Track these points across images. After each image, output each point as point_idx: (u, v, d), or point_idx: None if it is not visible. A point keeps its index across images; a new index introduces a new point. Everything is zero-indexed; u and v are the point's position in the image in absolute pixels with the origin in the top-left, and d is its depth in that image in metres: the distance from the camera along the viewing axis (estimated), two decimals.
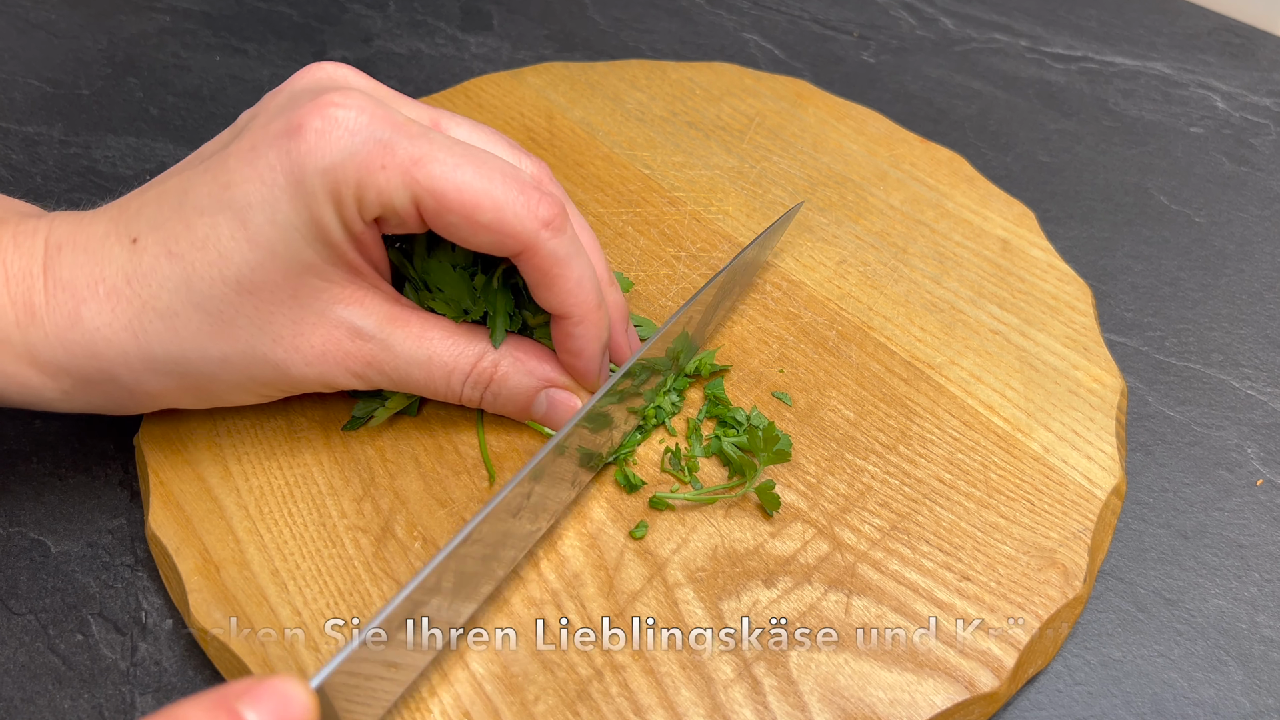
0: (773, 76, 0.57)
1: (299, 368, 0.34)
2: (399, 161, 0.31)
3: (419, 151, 0.31)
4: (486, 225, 0.32)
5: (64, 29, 0.64)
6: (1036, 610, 0.33)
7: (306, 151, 0.30)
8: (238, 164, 0.31)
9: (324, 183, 0.30)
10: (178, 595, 0.34)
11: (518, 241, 0.32)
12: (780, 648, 0.32)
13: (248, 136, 0.32)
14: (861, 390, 0.40)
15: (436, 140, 0.31)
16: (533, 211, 0.32)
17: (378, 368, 0.35)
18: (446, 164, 0.31)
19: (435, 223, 0.32)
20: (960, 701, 0.31)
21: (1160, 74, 0.63)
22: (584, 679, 0.31)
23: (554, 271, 0.33)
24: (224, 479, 0.36)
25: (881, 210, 0.49)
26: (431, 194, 0.31)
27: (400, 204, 0.31)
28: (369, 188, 0.31)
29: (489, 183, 0.31)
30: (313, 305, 0.33)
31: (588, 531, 0.35)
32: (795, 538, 0.35)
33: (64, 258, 0.32)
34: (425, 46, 0.64)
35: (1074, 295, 0.45)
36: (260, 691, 0.24)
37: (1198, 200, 0.54)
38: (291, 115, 0.31)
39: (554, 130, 0.53)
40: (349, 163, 0.30)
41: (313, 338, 0.33)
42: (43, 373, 0.32)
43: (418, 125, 0.32)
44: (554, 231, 0.32)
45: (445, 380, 0.36)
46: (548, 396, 0.37)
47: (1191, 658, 0.35)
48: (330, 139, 0.30)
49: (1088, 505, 0.37)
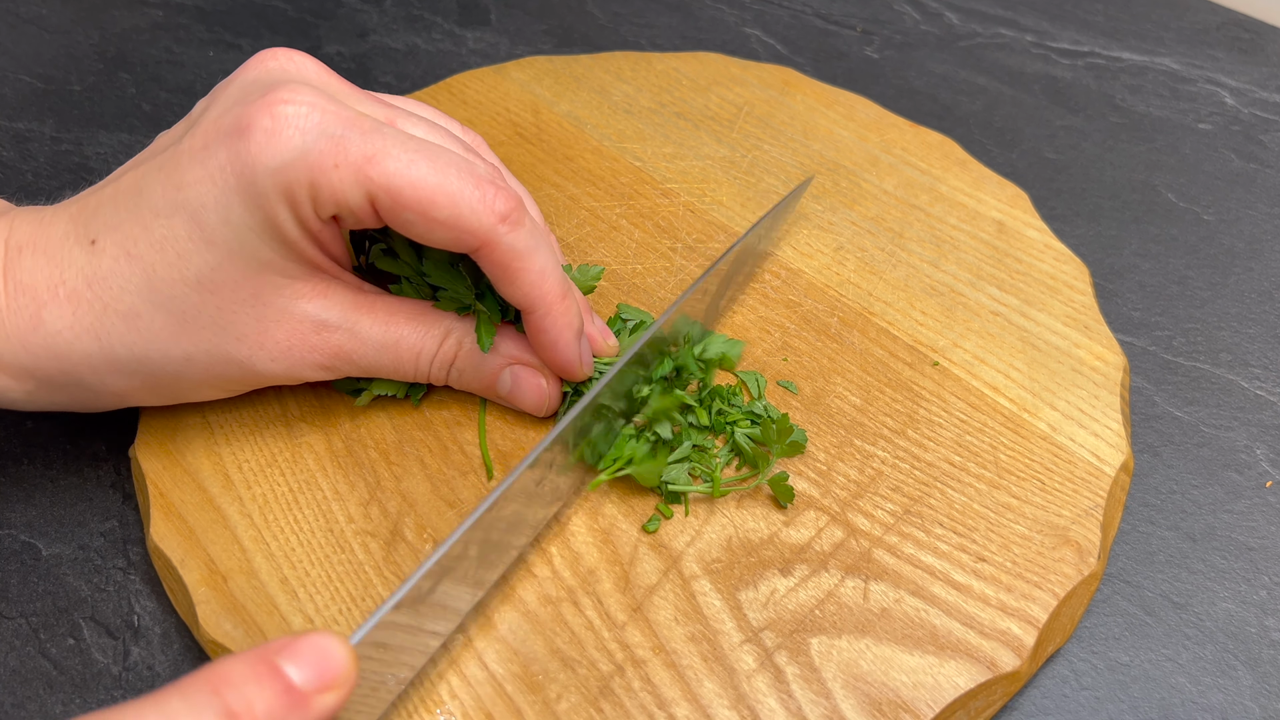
0: (759, 65, 0.58)
1: (264, 364, 0.34)
2: (351, 159, 0.31)
3: (372, 148, 0.31)
4: (443, 221, 0.32)
5: (55, 24, 0.63)
6: (1053, 588, 0.34)
7: (256, 152, 0.30)
8: (190, 163, 0.31)
9: (275, 183, 0.30)
10: (184, 607, 0.34)
11: (475, 237, 0.32)
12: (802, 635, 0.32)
13: (199, 133, 0.32)
14: (866, 376, 0.41)
15: (390, 136, 0.31)
16: (489, 206, 0.32)
17: (345, 357, 0.35)
18: (400, 160, 0.31)
19: (391, 220, 0.32)
20: (983, 682, 0.31)
21: (1168, 70, 0.64)
22: (605, 675, 0.31)
23: (514, 265, 0.33)
24: (225, 488, 0.36)
25: (876, 196, 0.49)
26: (386, 191, 0.31)
27: (355, 202, 0.31)
28: (322, 187, 0.31)
29: (444, 178, 0.31)
30: (275, 302, 0.33)
31: (600, 527, 0.35)
32: (809, 525, 0.35)
33: (24, 260, 0.32)
34: (422, 42, 0.63)
35: (1072, 274, 0.45)
36: (300, 647, 0.24)
37: (1206, 197, 0.54)
38: (241, 113, 0.31)
39: (541, 125, 0.53)
40: (300, 162, 0.30)
41: (277, 334, 0.34)
42: (6, 374, 0.32)
43: (370, 120, 0.32)
44: (511, 225, 0.33)
45: (414, 362, 0.36)
46: (512, 374, 0.37)
47: (1200, 662, 0.35)
48: (280, 138, 0.30)
49: (1097, 482, 0.37)
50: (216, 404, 0.38)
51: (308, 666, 0.24)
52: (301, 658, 0.24)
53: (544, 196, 0.48)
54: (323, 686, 0.24)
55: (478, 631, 0.32)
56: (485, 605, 0.33)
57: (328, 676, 0.24)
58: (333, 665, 0.24)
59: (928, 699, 0.31)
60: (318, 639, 0.24)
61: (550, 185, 0.49)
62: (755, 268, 0.44)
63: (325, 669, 0.24)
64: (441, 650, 0.32)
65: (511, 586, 0.33)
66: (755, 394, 0.39)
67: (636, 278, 0.44)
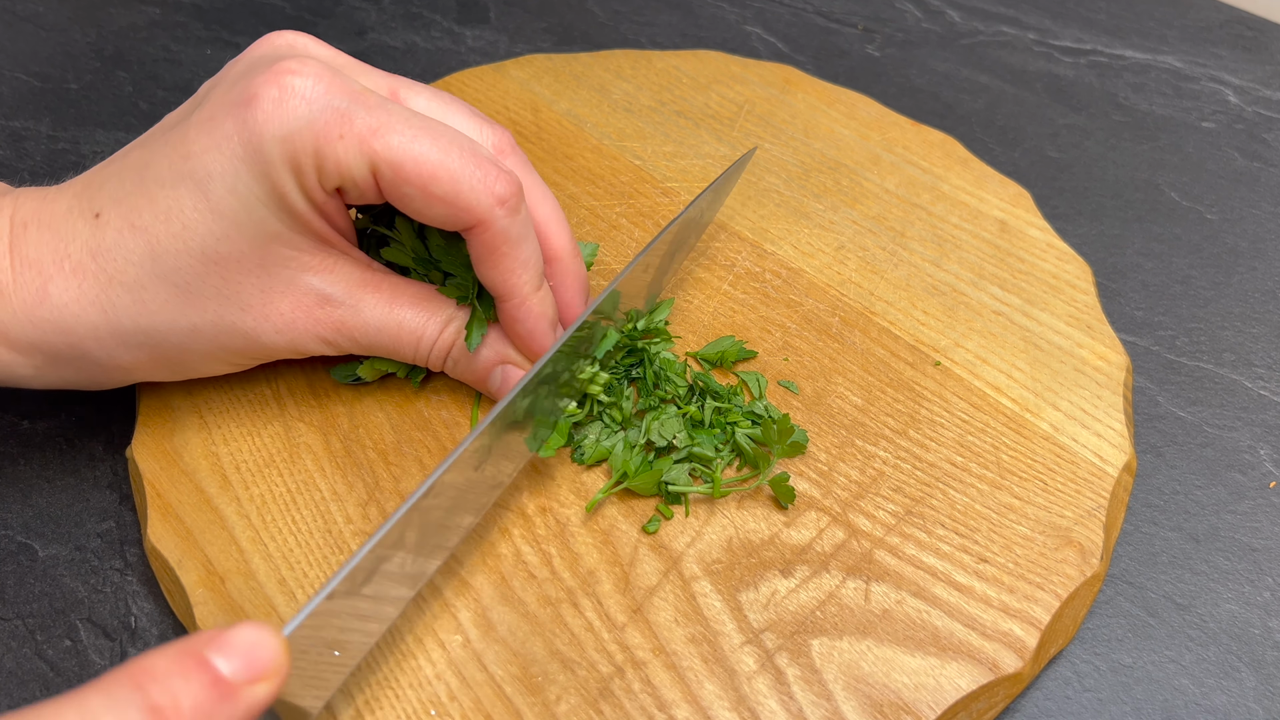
0: (760, 63, 0.58)
1: (269, 335, 0.34)
2: (356, 131, 0.31)
3: (376, 121, 0.31)
4: (441, 197, 0.32)
5: (52, 22, 0.63)
6: (1055, 589, 0.34)
7: (264, 120, 0.31)
8: (197, 134, 0.32)
9: (282, 151, 0.31)
10: (181, 608, 0.34)
11: (471, 215, 0.33)
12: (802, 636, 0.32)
13: (207, 107, 0.32)
14: (868, 376, 0.41)
15: (394, 111, 0.32)
16: (489, 187, 0.32)
17: (347, 333, 0.35)
18: (404, 135, 0.31)
19: (391, 194, 0.32)
20: (985, 683, 0.31)
21: (1171, 68, 0.63)
22: (605, 677, 0.31)
23: (502, 249, 0.34)
24: (223, 488, 0.36)
25: (877, 195, 0.49)
26: (389, 164, 0.31)
27: (358, 173, 0.32)
28: (327, 157, 0.31)
29: (446, 155, 0.32)
30: (281, 274, 0.34)
31: (600, 527, 0.35)
32: (810, 526, 0.35)
33: (29, 235, 0.32)
34: (420, 40, 0.63)
35: (1074, 274, 0.45)
36: (228, 638, 0.23)
37: (1210, 196, 0.54)
38: (248, 84, 0.31)
39: (540, 123, 0.53)
40: (306, 131, 0.31)
41: (281, 305, 0.34)
42: (13, 350, 0.32)
43: (375, 95, 0.32)
44: (509, 210, 0.33)
45: (414, 346, 0.36)
46: (503, 373, 0.37)
47: (1203, 664, 0.35)
48: (286, 107, 0.31)
49: (1100, 483, 0.37)
50: (214, 403, 0.38)
51: (236, 658, 0.23)
52: (229, 649, 0.23)
53: None
54: (253, 677, 0.23)
55: (478, 633, 0.32)
56: (485, 606, 0.33)
57: (257, 667, 0.23)
58: (262, 656, 0.24)
59: (929, 700, 0.31)
60: (246, 629, 0.24)
61: (550, 184, 0.49)
62: (698, 239, 0.44)
63: (254, 660, 0.23)
64: (441, 650, 0.32)
65: (510, 587, 0.33)
66: (756, 394, 0.39)
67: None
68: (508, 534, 0.35)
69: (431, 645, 0.32)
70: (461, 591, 0.33)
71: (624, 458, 0.36)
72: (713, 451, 0.36)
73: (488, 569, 0.34)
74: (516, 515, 0.35)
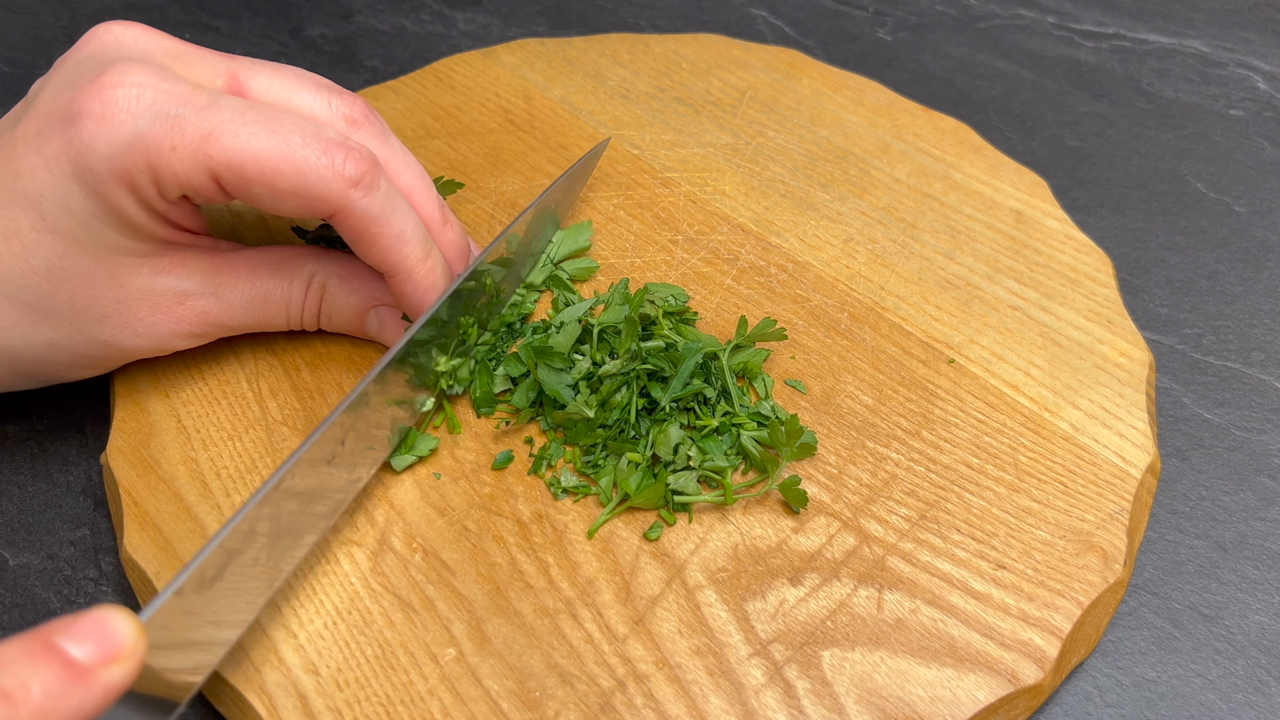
0: (762, 47, 0.58)
1: (130, 340, 0.36)
2: (188, 140, 0.31)
3: (209, 125, 0.31)
4: (290, 191, 0.32)
5: (22, 5, 0.63)
6: (1077, 596, 0.34)
7: (89, 140, 0.31)
8: (25, 151, 0.32)
9: (111, 170, 0.31)
10: None
11: (326, 204, 0.33)
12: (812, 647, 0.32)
13: (33, 118, 0.33)
14: (879, 374, 0.40)
15: (227, 108, 0.32)
16: (338, 172, 0.33)
17: (214, 321, 0.37)
18: (239, 134, 0.32)
19: (240, 195, 0.33)
20: (1004, 695, 0.31)
21: (1197, 53, 0.63)
22: (606, 691, 0.31)
23: (370, 231, 0.34)
24: (203, 495, 0.36)
25: (887, 184, 0.49)
26: (228, 168, 0.32)
27: (198, 181, 0.32)
28: (162, 170, 0.31)
29: (287, 146, 0.32)
30: (132, 282, 0.34)
31: (599, 535, 0.35)
32: (820, 532, 0.35)
33: None
34: (410, 23, 0.63)
35: (1094, 266, 0.45)
36: (79, 624, 0.24)
37: (1238, 188, 0.54)
38: (72, 98, 0.32)
39: (533, 111, 0.53)
40: (135, 146, 0.31)
41: (139, 311, 0.35)
42: None
43: (206, 94, 0.32)
44: (365, 190, 0.33)
45: (284, 313, 0.38)
46: (378, 315, 0.38)
47: (1230, 678, 0.35)
48: (111, 125, 0.31)
49: (1123, 485, 0.37)
50: (192, 407, 0.38)
51: (88, 641, 0.24)
52: (80, 634, 0.24)
53: (537, 186, 0.48)
54: (106, 659, 0.24)
55: (472, 646, 0.32)
56: (479, 618, 0.33)
57: (109, 649, 0.24)
58: (115, 638, 0.24)
59: (946, 714, 0.31)
60: (98, 614, 0.24)
61: (543, 175, 0.49)
62: (554, 231, 0.45)
63: (107, 642, 0.24)
64: (434, 665, 0.32)
65: (506, 597, 0.33)
66: (762, 394, 0.39)
67: (635, 271, 0.44)
68: (502, 541, 0.35)
69: (424, 659, 0.32)
70: (454, 602, 0.33)
71: (625, 476, 0.36)
72: (724, 460, 0.36)
73: (481, 578, 0.34)
74: (511, 522, 0.35)
